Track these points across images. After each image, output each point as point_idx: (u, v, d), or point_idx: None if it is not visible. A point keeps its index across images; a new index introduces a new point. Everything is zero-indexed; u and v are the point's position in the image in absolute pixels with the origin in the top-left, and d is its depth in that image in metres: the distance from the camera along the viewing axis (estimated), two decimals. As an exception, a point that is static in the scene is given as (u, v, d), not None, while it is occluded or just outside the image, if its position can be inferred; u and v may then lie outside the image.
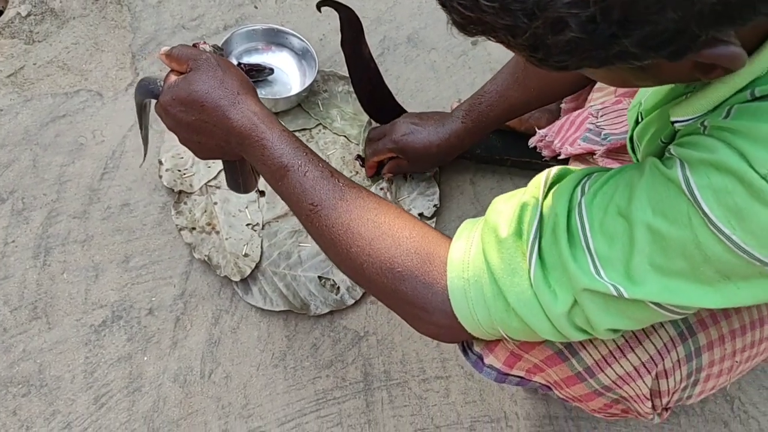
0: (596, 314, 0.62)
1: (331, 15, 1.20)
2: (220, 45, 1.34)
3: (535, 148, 1.27)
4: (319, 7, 1.18)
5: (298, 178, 0.75)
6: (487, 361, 0.76)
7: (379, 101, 1.31)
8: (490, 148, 1.36)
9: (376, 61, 1.28)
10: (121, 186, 1.26)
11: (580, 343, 0.72)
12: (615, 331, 0.65)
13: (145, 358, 1.13)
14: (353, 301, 1.20)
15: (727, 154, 0.53)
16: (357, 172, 1.34)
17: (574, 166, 1.06)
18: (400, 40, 1.50)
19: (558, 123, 1.17)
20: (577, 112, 1.14)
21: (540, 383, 0.78)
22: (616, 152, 1.02)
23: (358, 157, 1.35)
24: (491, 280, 0.67)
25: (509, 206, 0.68)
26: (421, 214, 1.30)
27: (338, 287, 1.20)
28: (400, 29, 1.52)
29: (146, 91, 0.87)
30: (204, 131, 0.81)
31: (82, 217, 1.22)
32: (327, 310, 1.19)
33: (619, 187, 0.61)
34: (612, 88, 1.08)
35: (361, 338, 1.18)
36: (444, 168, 1.35)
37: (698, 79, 0.56)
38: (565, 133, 1.14)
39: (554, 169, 0.69)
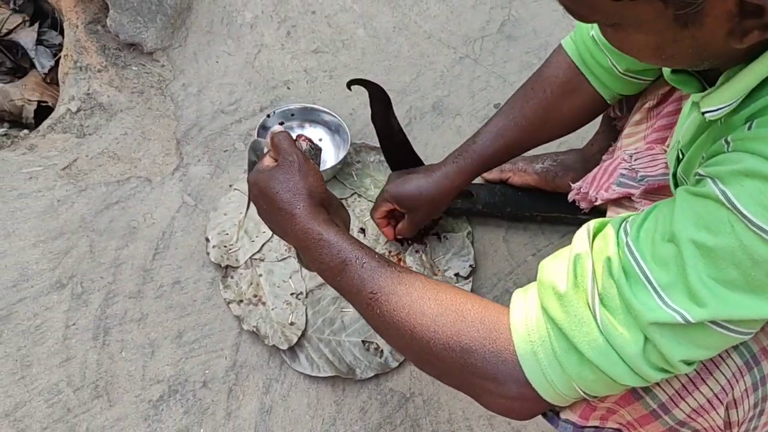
0: (668, 347, 0.64)
1: (358, 91, 1.29)
2: (257, 127, 1.43)
3: (566, 203, 1.30)
4: (349, 85, 1.26)
5: (356, 270, 0.79)
6: (563, 415, 0.76)
7: (409, 169, 1.37)
8: (521, 206, 1.41)
9: (405, 130, 1.35)
10: (172, 265, 1.33)
11: None
12: (689, 363, 0.67)
13: (201, 431, 1.17)
14: (397, 364, 1.24)
15: (753, 161, 0.59)
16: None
17: (611, 213, 1.09)
18: (425, 109, 1.58)
19: (591, 174, 1.21)
20: (609, 160, 1.18)
21: (612, 428, 0.79)
22: (653, 193, 1.03)
23: (393, 222, 1.41)
24: (559, 335, 0.68)
25: (560, 263, 0.71)
26: (457, 275, 1.34)
27: (382, 350, 1.24)
28: (425, 98, 1.59)
29: (256, 153, 0.99)
30: (271, 220, 0.90)
31: (137, 296, 1.29)
32: (372, 374, 1.22)
33: (658, 219, 0.66)
34: (642, 134, 1.11)
35: (408, 400, 1.21)
36: (477, 228, 1.40)
37: (729, 51, 0.61)
38: (599, 182, 1.17)
39: (592, 223, 0.73)
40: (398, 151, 1.35)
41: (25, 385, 1.19)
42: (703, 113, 0.67)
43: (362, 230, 1.39)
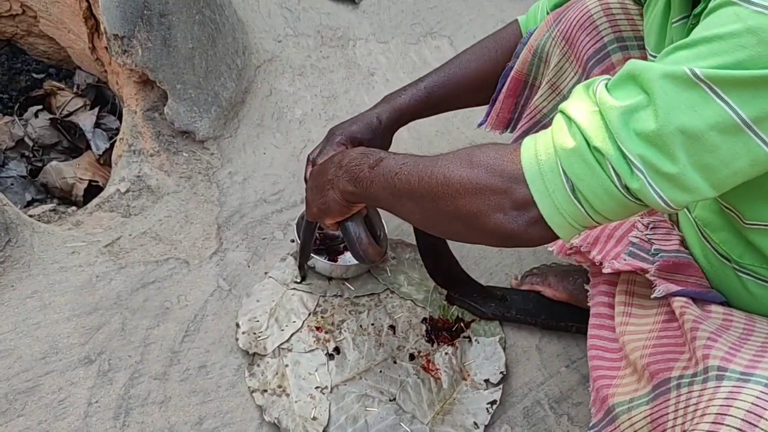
0: (667, 107, 0.69)
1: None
2: (297, 217, 1.46)
3: None
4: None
5: (389, 159, 0.95)
6: None
7: (444, 269, 1.37)
8: (555, 315, 1.39)
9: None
10: (200, 348, 1.33)
11: None
12: (685, 143, 0.69)
13: None
14: (420, 470, 1.19)
15: None
16: (423, 336, 1.37)
17: (621, 288, 1.04)
18: (463, 211, 1.59)
19: (593, 233, 1.12)
20: (614, 223, 1.10)
21: None
22: (669, 272, 0.98)
23: (425, 320, 1.39)
24: (562, 116, 0.78)
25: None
26: (487, 380, 1.31)
27: (405, 455, 1.20)
28: (464, 201, 1.61)
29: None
30: (316, 189, 1.10)
31: (162, 378, 1.28)
32: (394, 479, 1.17)
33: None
34: None
35: None
36: (509, 334, 1.38)
37: None
38: (604, 246, 1.09)
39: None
40: (434, 251, 1.36)
41: (40, 462, 1.17)
42: None
43: (392, 327, 1.38)
